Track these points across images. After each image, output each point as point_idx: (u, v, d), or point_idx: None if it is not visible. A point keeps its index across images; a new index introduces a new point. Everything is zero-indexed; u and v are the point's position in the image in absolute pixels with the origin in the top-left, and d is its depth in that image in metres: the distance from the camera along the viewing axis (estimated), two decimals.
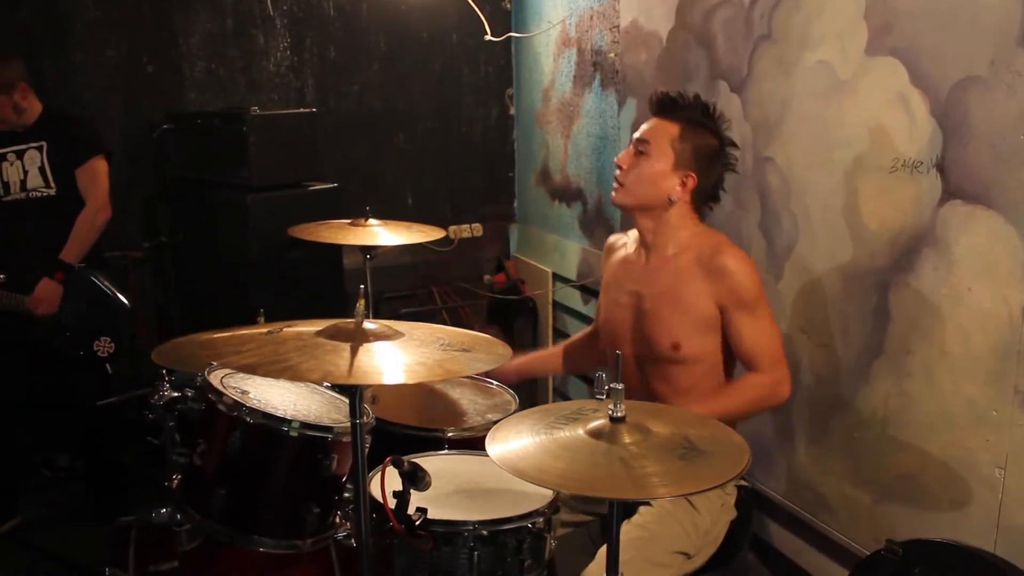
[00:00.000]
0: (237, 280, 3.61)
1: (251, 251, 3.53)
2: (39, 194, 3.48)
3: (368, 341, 1.74)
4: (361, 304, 1.83)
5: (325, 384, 2.34)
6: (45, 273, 3.39)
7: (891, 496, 2.53)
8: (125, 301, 3.48)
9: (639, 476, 1.55)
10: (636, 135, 2.38)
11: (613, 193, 2.41)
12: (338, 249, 3.79)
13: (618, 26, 3.79)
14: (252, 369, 1.64)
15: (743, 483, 2.40)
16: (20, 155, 3.47)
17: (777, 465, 2.96)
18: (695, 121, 2.35)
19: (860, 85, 2.52)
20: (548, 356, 2.95)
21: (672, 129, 2.33)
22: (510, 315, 4.60)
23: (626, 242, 2.57)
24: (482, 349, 1.82)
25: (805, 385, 2.78)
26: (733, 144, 2.40)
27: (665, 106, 2.38)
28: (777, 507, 2.99)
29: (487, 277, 4.77)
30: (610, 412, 1.68)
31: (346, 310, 3.84)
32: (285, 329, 1.80)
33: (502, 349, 1.84)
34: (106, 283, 3.47)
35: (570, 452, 1.63)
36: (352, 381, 1.61)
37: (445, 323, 4.05)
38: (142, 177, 4.11)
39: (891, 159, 2.42)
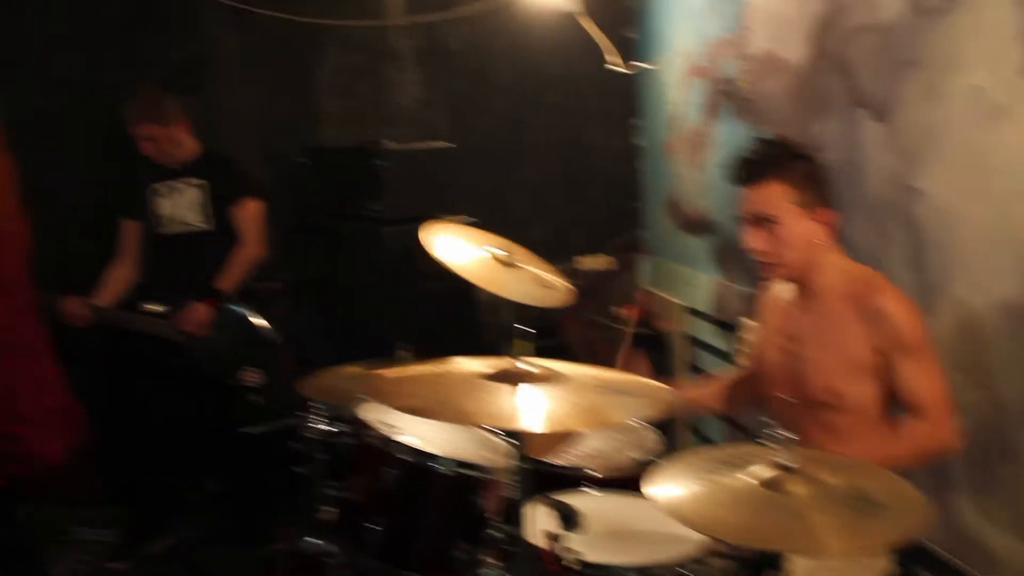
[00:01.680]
0: (372, 311, 3.68)
1: (385, 283, 3.60)
2: (194, 229, 3.63)
3: (528, 382, 1.74)
4: (517, 344, 1.83)
5: None
6: (198, 298, 3.52)
7: None
8: (272, 333, 3.59)
9: (812, 529, 1.50)
10: (751, 213, 2.27)
11: (766, 273, 2.34)
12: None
13: (749, 54, 3.73)
14: (418, 412, 1.65)
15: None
16: (177, 190, 3.63)
17: (948, 518, 2.80)
18: (788, 163, 2.26)
19: (1018, 108, 2.40)
20: (710, 394, 2.86)
21: (779, 188, 2.23)
22: (641, 349, 4.55)
23: (781, 284, 2.51)
24: (642, 392, 1.80)
25: (964, 428, 2.66)
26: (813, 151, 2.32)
27: (756, 172, 2.27)
28: (937, 560, 2.84)
29: (616, 309, 4.73)
30: (779, 461, 1.63)
31: (479, 341, 3.87)
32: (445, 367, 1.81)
33: (663, 393, 1.81)
34: (254, 315, 3.58)
35: (737, 500, 1.59)
36: (517, 427, 1.61)
37: (577, 356, 4.03)
38: (279, 211, 4.23)
39: None
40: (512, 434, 1.74)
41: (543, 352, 2.78)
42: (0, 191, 2.51)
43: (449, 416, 1.63)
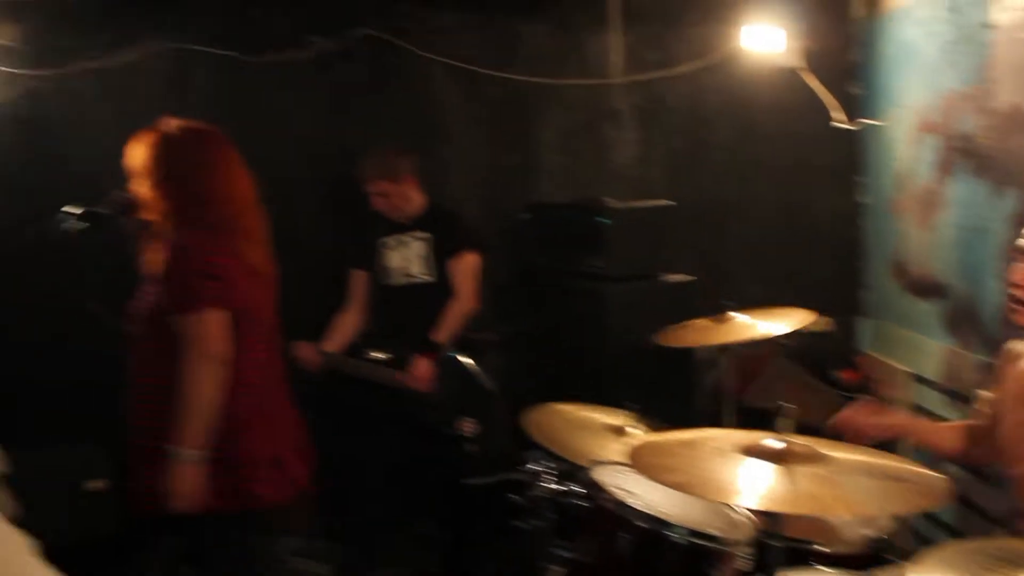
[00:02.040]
0: (590, 368, 3.69)
1: (605, 341, 3.61)
2: (419, 280, 3.78)
3: (790, 462, 1.67)
4: (784, 420, 1.77)
5: None
6: (420, 353, 3.65)
7: None
8: (490, 385, 3.67)
9: None
10: None
11: (1017, 316, 2.19)
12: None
13: (991, 108, 3.53)
14: (683, 488, 1.62)
15: None
16: (404, 243, 3.80)
17: None
18: None
19: None
20: (943, 435, 2.70)
21: None
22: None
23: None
24: (915, 480, 1.70)
25: None
26: None
27: None
28: None
29: (836, 373, 4.54)
30: None
31: (697, 401, 3.81)
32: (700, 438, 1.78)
33: (939, 483, 1.70)
34: (473, 366, 3.68)
35: None
36: (789, 510, 1.55)
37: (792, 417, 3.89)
38: (499, 264, 4.35)
39: None
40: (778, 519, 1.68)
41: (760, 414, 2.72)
42: (258, 240, 2.72)
43: (712, 494, 1.58)
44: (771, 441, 1.75)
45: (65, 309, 3.62)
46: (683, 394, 3.74)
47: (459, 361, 3.67)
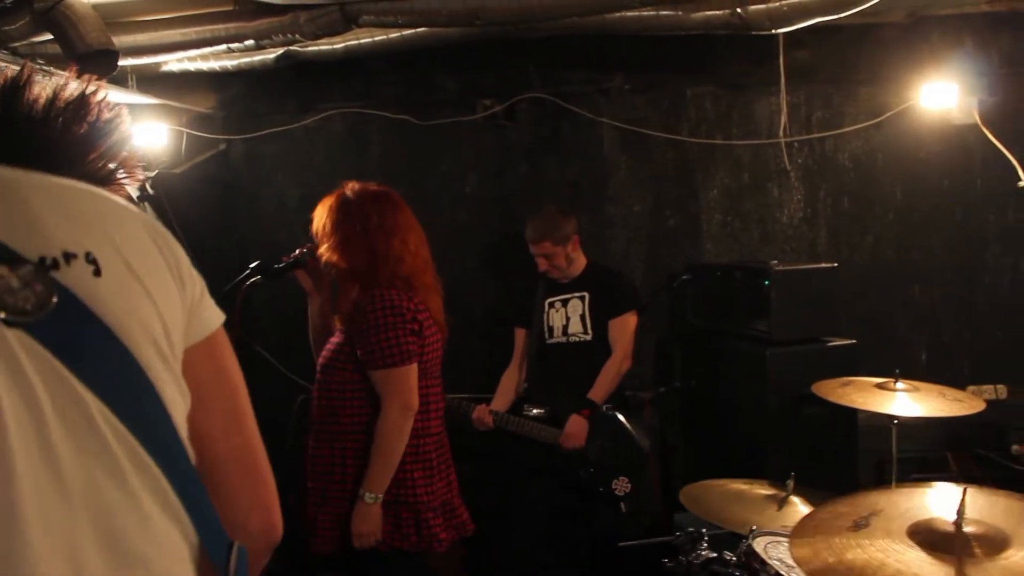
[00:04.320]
0: (749, 432, 3.64)
1: (767, 405, 3.55)
2: (576, 339, 3.85)
3: (971, 553, 1.59)
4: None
5: None
6: (575, 410, 3.70)
7: None
8: (645, 443, 3.67)
9: None
10: None
11: None
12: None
13: None
14: None
15: None
16: (565, 303, 3.88)
17: None
18: None
19: None
20: None
21: None
22: None
23: None
24: None
25: None
26: None
27: None
28: None
29: (1016, 447, 4.27)
30: None
31: (859, 471, 3.68)
32: (871, 519, 1.73)
33: None
34: (630, 425, 3.69)
35: None
36: None
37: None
38: (658, 322, 4.36)
39: None
40: None
41: None
42: (438, 294, 2.86)
43: None
44: (943, 518, 1.67)
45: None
46: (845, 462, 3.62)
47: (615, 419, 3.69)
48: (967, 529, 1.64)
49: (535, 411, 3.76)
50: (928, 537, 1.66)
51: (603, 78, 4.48)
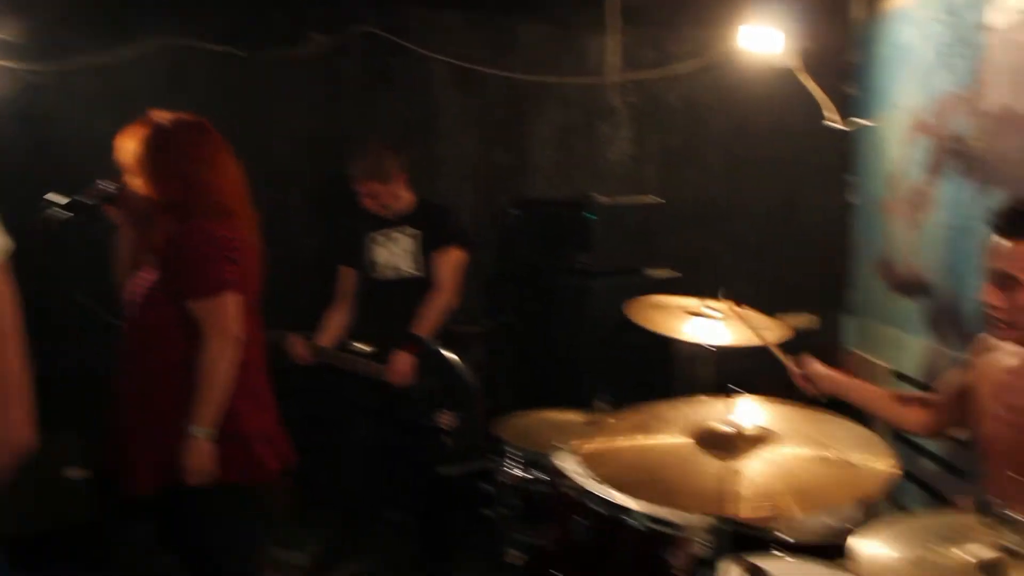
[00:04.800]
0: (571, 362, 3.72)
1: (588, 335, 3.63)
2: (404, 275, 3.83)
3: (743, 452, 1.70)
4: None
5: None
6: (401, 346, 3.71)
7: None
8: (472, 379, 3.70)
9: None
10: (997, 267, 2.13)
11: (993, 331, 2.21)
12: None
13: (983, 110, 3.54)
14: (626, 489, 1.65)
15: None
16: (391, 239, 3.85)
17: None
18: None
19: None
20: (870, 390, 2.76)
21: None
22: (844, 413, 4.36)
23: (1005, 349, 2.35)
24: (861, 465, 1.73)
25: None
26: None
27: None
28: None
29: None
30: (1003, 543, 1.52)
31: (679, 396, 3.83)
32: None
33: (891, 463, 1.74)
34: (456, 360, 3.71)
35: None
36: (736, 514, 1.58)
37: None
38: (486, 258, 4.39)
39: None
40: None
41: None
42: (254, 225, 2.78)
43: (659, 499, 1.62)
44: (721, 424, 1.78)
45: (49, 299, 3.69)
46: (664, 388, 3.77)
47: (441, 355, 3.71)
48: (738, 431, 1.75)
49: (361, 347, 3.74)
50: (705, 436, 1.75)
51: (434, 14, 4.43)
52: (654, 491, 1.67)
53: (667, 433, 1.79)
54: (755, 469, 1.67)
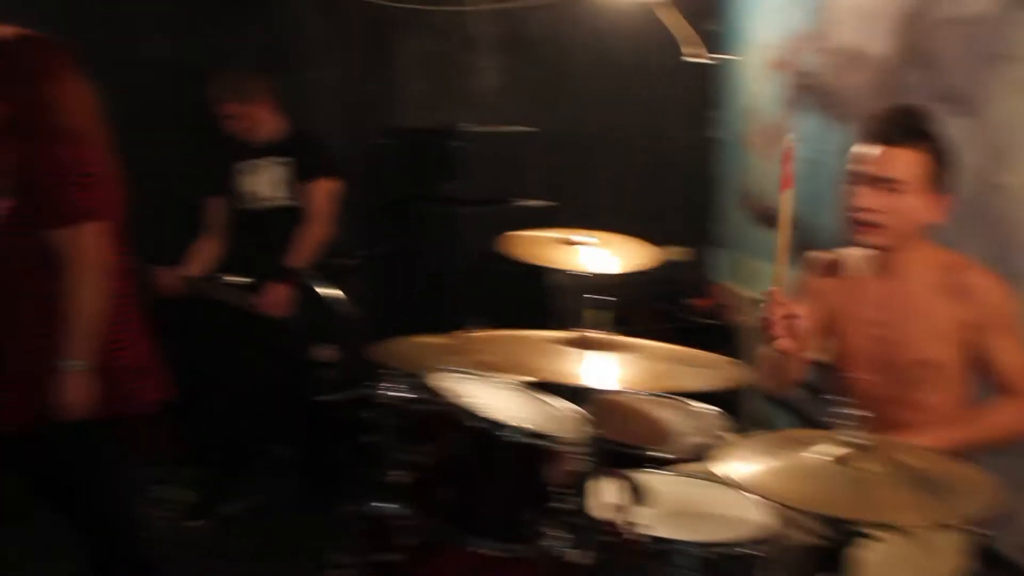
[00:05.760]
0: (444, 290, 3.74)
1: (459, 263, 3.65)
2: (274, 205, 3.74)
3: (599, 349, 1.78)
4: (591, 315, 1.87)
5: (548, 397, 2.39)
6: (274, 278, 3.62)
7: None
8: (346, 308, 3.67)
9: (882, 502, 1.52)
10: (876, 173, 2.21)
11: (865, 236, 2.26)
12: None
13: (830, 48, 3.71)
14: (492, 368, 1.71)
15: (982, 534, 2.21)
16: (260, 168, 3.74)
17: (1019, 521, 2.74)
18: (931, 136, 2.22)
19: None
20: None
21: (915, 156, 2.19)
22: (710, 342, 4.55)
23: (840, 262, 2.48)
24: (709, 365, 1.83)
25: None
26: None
27: (898, 134, 2.21)
28: (1011, 566, 2.78)
29: (688, 301, 4.72)
30: (851, 439, 1.64)
31: (549, 324, 3.89)
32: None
33: (731, 368, 1.84)
34: (331, 291, 3.67)
35: (808, 473, 1.61)
36: (587, 384, 1.65)
37: None
38: (357, 190, 4.32)
39: None
40: (583, 407, 1.78)
41: None
42: (108, 150, 2.64)
43: (521, 372, 1.68)
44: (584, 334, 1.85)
45: None
46: (536, 317, 3.83)
47: (316, 286, 3.66)
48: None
49: (234, 279, 3.65)
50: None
51: None
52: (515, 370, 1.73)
53: None
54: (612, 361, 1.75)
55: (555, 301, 3.86)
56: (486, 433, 2.12)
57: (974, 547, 2.20)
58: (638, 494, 1.87)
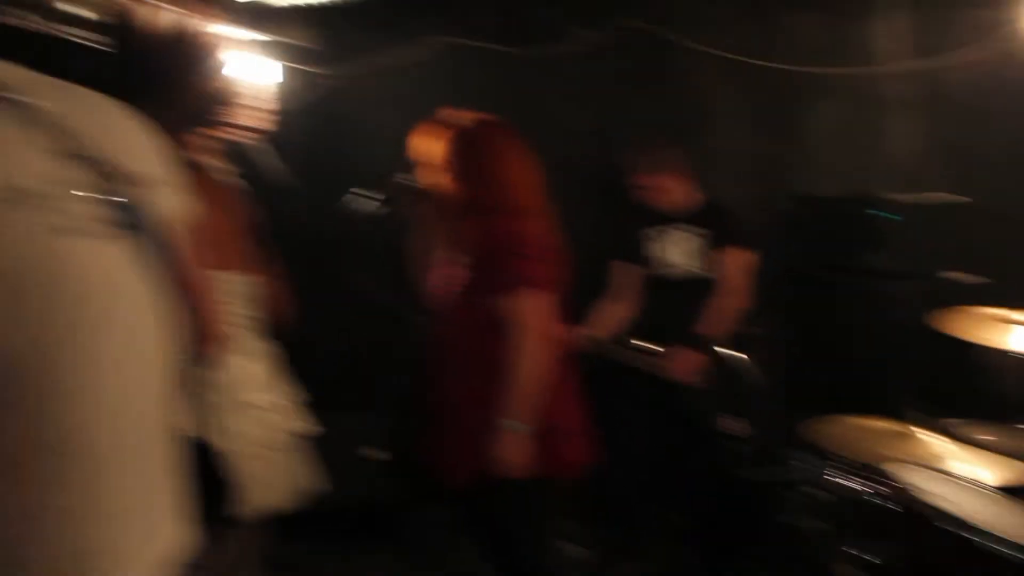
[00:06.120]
0: (867, 367, 3.53)
1: (886, 340, 3.44)
2: (686, 274, 3.76)
3: None
4: None
5: None
6: (685, 344, 3.63)
7: None
8: (760, 381, 3.59)
9: None
10: None
11: None
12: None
13: None
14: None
15: None
16: (669, 235, 3.79)
17: None
18: None
19: None
20: None
21: None
22: None
23: None
24: None
25: None
26: None
27: None
28: None
29: None
30: None
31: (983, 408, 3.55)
32: None
33: None
34: (744, 362, 3.61)
35: None
36: None
37: None
38: (766, 258, 4.23)
39: None
40: None
41: None
42: (554, 223, 2.78)
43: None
44: None
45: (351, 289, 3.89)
46: (963, 396, 3.51)
47: (729, 356, 3.61)
48: None
49: (644, 345, 3.70)
50: None
51: (702, 6, 4.32)
52: None
53: None
54: None
55: (992, 384, 3.52)
56: (967, 541, 1.94)
57: None
58: None
